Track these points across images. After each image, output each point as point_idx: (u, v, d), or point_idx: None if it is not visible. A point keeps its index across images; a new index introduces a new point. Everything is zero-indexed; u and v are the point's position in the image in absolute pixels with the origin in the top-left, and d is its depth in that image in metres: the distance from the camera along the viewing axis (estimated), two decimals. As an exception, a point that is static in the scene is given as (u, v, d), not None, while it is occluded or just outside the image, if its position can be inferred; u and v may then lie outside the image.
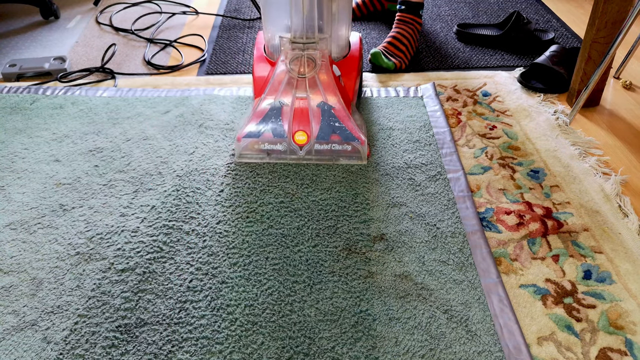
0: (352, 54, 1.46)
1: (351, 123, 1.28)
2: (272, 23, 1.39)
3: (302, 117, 1.29)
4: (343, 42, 1.44)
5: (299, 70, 1.29)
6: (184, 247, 1.09)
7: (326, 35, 1.33)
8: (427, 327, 0.93)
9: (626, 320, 0.95)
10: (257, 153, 1.32)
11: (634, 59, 1.81)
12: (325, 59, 1.31)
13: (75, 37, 2.06)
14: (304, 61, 1.30)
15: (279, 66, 1.31)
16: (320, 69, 1.30)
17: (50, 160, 1.35)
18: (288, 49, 1.31)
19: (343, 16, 1.38)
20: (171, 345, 0.90)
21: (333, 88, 1.29)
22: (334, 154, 1.31)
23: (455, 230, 1.12)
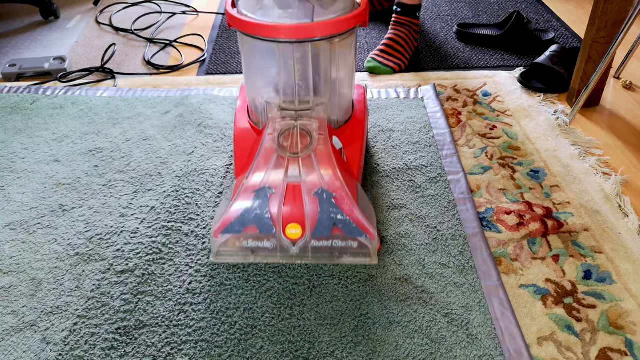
0: (357, 117, 1.22)
1: (357, 213, 1.00)
2: (255, 82, 1.14)
3: (294, 207, 1.01)
4: (346, 104, 1.19)
5: (290, 147, 1.03)
6: (183, 248, 1.09)
7: (324, 100, 1.11)
8: (428, 331, 0.93)
9: (626, 321, 0.95)
10: (239, 251, 1.03)
11: (634, 59, 1.80)
12: (323, 130, 1.06)
13: (75, 37, 2.06)
14: (296, 135, 1.04)
15: (265, 140, 1.04)
16: (317, 144, 1.04)
17: (50, 161, 1.35)
18: (276, 118, 1.06)
19: (346, 73, 1.15)
20: (170, 348, 0.90)
21: (334, 169, 1.03)
22: (336, 252, 1.03)
23: (455, 233, 1.12)
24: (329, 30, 1.00)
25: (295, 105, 1.09)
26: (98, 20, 2.20)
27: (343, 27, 1.02)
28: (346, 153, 1.14)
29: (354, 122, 1.20)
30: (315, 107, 1.08)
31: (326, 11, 1.02)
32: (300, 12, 1.00)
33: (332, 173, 1.03)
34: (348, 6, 1.05)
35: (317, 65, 1.08)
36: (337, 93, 1.14)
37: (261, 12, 1.03)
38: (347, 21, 1.01)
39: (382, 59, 1.74)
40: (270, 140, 1.04)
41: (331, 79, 1.11)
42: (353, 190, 1.05)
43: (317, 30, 0.99)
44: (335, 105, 1.15)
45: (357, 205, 1.01)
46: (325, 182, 1.01)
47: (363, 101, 1.26)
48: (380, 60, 1.73)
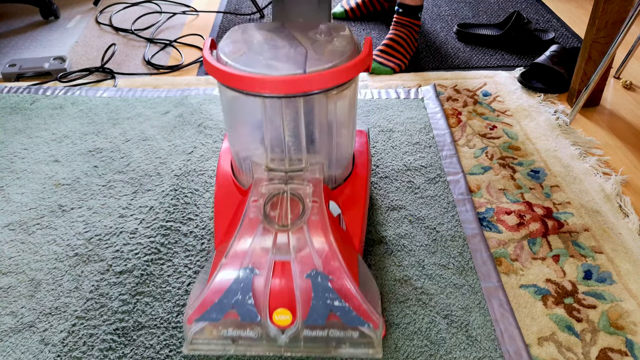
0: (358, 173, 1.04)
1: (358, 298, 0.83)
2: (238, 136, 0.95)
3: (283, 288, 0.83)
4: (345, 160, 1.00)
5: (278, 217, 0.85)
6: (182, 249, 1.09)
7: (320, 159, 0.92)
8: (427, 332, 0.93)
9: (627, 321, 0.95)
10: (218, 340, 0.86)
11: (634, 59, 1.80)
12: (318, 195, 0.88)
13: (75, 37, 2.06)
14: (286, 202, 0.87)
15: (248, 208, 0.86)
16: (311, 214, 0.86)
17: (49, 161, 1.35)
18: (262, 180, 0.89)
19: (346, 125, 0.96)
20: (169, 350, 0.90)
21: (330, 245, 0.84)
22: (333, 342, 0.86)
23: (455, 234, 1.12)
24: (325, 83, 0.82)
25: (285, 165, 0.91)
26: (98, 20, 2.20)
27: (342, 78, 0.83)
28: (345, 219, 0.97)
29: (354, 180, 1.03)
30: (309, 167, 0.92)
31: (322, 56, 0.86)
32: (291, 59, 0.84)
33: (328, 250, 0.85)
34: (348, 48, 0.88)
35: (311, 120, 0.90)
36: (335, 149, 0.96)
37: (244, 58, 0.85)
38: (347, 71, 0.83)
39: (382, 59, 1.74)
40: (255, 208, 0.86)
41: (328, 135, 0.93)
42: (353, 268, 0.88)
43: (310, 84, 0.81)
44: (333, 162, 0.97)
45: (358, 287, 0.85)
46: (320, 261, 0.83)
47: (365, 152, 1.10)
48: (380, 60, 1.73)
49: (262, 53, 0.86)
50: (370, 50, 0.88)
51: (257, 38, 0.91)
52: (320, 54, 0.86)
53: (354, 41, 0.91)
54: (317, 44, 0.89)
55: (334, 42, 0.90)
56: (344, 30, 0.94)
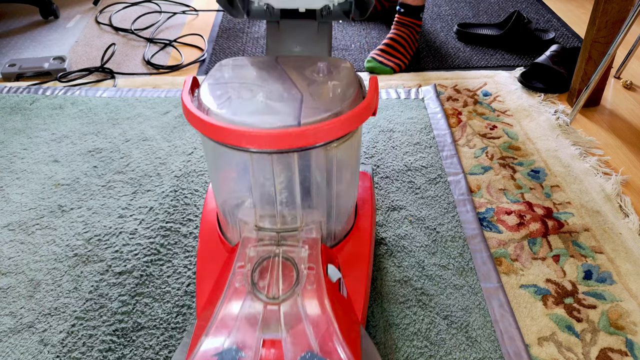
0: (361, 226, 0.91)
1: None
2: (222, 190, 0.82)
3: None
4: (346, 214, 0.88)
5: (268, 287, 0.71)
6: (181, 249, 1.09)
7: (317, 216, 0.80)
8: (427, 333, 0.92)
9: (627, 321, 0.95)
10: None
11: (635, 58, 1.80)
12: (314, 260, 0.74)
13: (75, 36, 2.06)
14: (277, 268, 0.73)
15: (233, 276, 0.72)
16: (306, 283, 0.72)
17: (49, 161, 1.34)
18: (250, 241, 0.76)
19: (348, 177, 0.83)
20: (168, 351, 0.90)
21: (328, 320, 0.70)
22: None
23: (455, 234, 1.12)
24: (324, 137, 0.69)
25: (277, 224, 0.78)
26: (98, 20, 2.20)
27: (343, 129, 0.70)
28: (346, 281, 0.84)
29: (356, 235, 0.89)
30: (305, 226, 0.79)
31: (320, 103, 0.73)
32: (284, 107, 0.72)
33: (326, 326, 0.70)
34: (351, 91, 0.76)
35: (307, 175, 0.77)
36: (335, 203, 0.83)
37: (229, 104, 0.73)
38: (349, 121, 0.70)
39: (382, 58, 1.74)
40: (241, 276, 0.73)
41: (327, 188, 0.80)
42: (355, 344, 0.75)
43: (306, 138, 0.68)
44: (332, 218, 0.84)
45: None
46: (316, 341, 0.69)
47: (369, 199, 0.96)
48: (380, 59, 1.73)
49: (250, 98, 0.74)
50: (376, 92, 0.76)
51: (246, 78, 0.79)
52: (318, 100, 0.74)
53: (357, 80, 0.80)
54: (315, 86, 0.77)
55: (333, 83, 0.78)
56: (345, 67, 0.82)
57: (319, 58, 0.83)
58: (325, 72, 0.79)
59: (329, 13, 0.90)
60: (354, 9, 0.87)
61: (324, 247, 0.80)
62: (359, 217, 0.92)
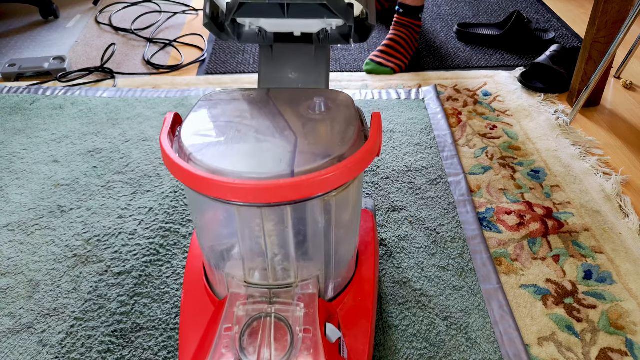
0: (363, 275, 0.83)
1: None
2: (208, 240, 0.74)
3: None
4: (346, 265, 0.80)
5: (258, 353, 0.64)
6: (180, 250, 1.09)
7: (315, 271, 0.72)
8: (427, 334, 0.92)
9: (627, 321, 0.94)
10: None
11: (635, 58, 1.80)
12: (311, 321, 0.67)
13: (75, 36, 2.06)
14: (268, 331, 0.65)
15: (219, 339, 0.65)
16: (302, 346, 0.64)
17: (49, 161, 1.34)
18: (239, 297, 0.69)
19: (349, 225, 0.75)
20: (167, 352, 0.90)
21: None
22: None
23: (455, 235, 1.11)
24: (320, 188, 0.61)
25: (269, 279, 0.70)
26: (98, 20, 2.20)
27: (343, 179, 0.62)
28: (347, 340, 0.75)
29: (358, 285, 0.81)
30: (300, 282, 0.71)
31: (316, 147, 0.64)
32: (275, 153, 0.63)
33: None
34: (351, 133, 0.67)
35: (302, 228, 0.68)
36: (334, 254, 0.74)
37: (213, 149, 0.64)
38: (350, 170, 0.62)
39: (382, 59, 1.73)
40: (228, 340, 0.65)
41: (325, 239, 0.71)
42: None
43: (299, 190, 0.59)
44: (331, 271, 0.75)
45: None
46: None
47: (372, 242, 0.87)
48: (379, 61, 1.73)
49: (238, 141, 0.65)
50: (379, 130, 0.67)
51: (233, 115, 0.71)
52: (314, 143, 0.65)
53: (358, 117, 0.71)
54: (310, 125, 0.69)
55: (332, 122, 0.69)
56: (345, 101, 0.74)
57: (315, 92, 0.76)
58: (322, 109, 0.71)
59: (326, 37, 0.83)
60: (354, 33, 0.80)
61: (321, 303, 0.72)
62: (361, 264, 0.84)
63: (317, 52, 0.83)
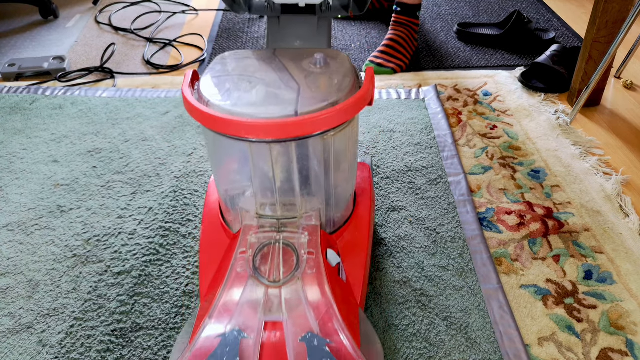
0: (360, 214, 0.94)
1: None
2: (223, 180, 0.85)
3: (275, 357, 0.72)
4: (345, 202, 0.90)
5: (269, 271, 0.75)
6: (180, 250, 1.08)
7: (316, 203, 0.83)
8: (427, 334, 0.92)
9: (627, 321, 0.94)
10: None
11: (635, 58, 1.80)
12: (314, 246, 0.78)
13: (75, 36, 2.06)
14: (278, 254, 0.77)
15: (235, 261, 0.76)
16: (306, 267, 0.76)
17: (48, 161, 1.34)
18: (251, 228, 0.80)
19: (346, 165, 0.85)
20: (167, 352, 0.90)
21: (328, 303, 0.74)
22: None
23: (455, 235, 1.11)
24: (320, 126, 0.73)
25: (277, 211, 0.82)
26: (97, 20, 2.20)
27: (340, 119, 0.74)
28: (346, 267, 0.87)
29: (355, 222, 0.92)
30: (304, 214, 0.82)
31: (317, 93, 0.76)
32: (281, 98, 0.75)
33: (325, 309, 0.74)
34: (347, 82, 0.78)
35: (305, 163, 0.79)
36: (334, 191, 0.86)
37: (228, 96, 0.76)
38: (345, 111, 0.73)
39: (382, 60, 1.73)
40: (243, 261, 0.76)
41: (325, 177, 0.83)
42: (354, 326, 0.78)
43: (303, 127, 0.71)
44: (332, 206, 0.87)
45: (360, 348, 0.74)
46: (316, 322, 0.72)
47: (368, 189, 0.99)
48: (379, 62, 1.73)
49: (249, 90, 0.77)
50: (372, 82, 0.78)
51: (244, 70, 0.81)
52: (315, 90, 0.76)
53: (353, 71, 0.81)
54: (312, 77, 0.79)
55: (330, 75, 0.80)
56: (342, 58, 0.84)
57: (316, 50, 0.85)
58: (322, 64, 0.81)
59: (328, 8, 0.92)
60: (352, 4, 0.90)
61: (323, 234, 0.84)
62: (358, 205, 0.94)
63: (320, 22, 0.93)
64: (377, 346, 0.83)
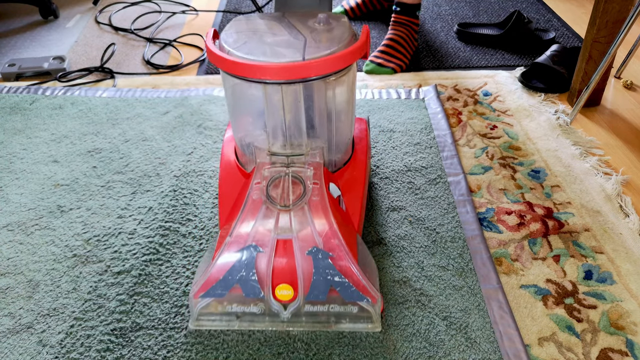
0: (357, 157, 1.08)
1: (357, 274, 0.87)
2: (240, 122, 1.01)
3: (285, 265, 0.88)
4: (344, 144, 1.05)
5: (280, 198, 0.90)
6: (180, 250, 1.08)
7: (320, 143, 0.98)
8: (426, 334, 0.92)
9: (627, 321, 0.94)
10: (222, 316, 0.91)
11: (635, 58, 1.80)
12: (318, 178, 0.93)
13: (75, 36, 2.06)
14: (287, 184, 0.92)
15: (251, 190, 0.92)
16: (312, 195, 0.91)
17: (48, 161, 1.34)
18: (265, 164, 0.94)
19: (345, 111, 1.01)
20: (166, 351, 0.90)
21: (330, 224, 0.90)
22: (333, 317, 0.91)
23: (455, 235, 1.11)
24: (323, 69, 0.87)
25: (287, 149, 0.96)
26: (97, 20, 2.20)
27: (339, 64, 0.88)
28: (345, 200, 1.01)
29: (354, 164, 1.07)
30: (310, 151, 0.96)
31: (320, 44, 0.90)
32: (291, 47, 0.89)
33: (328, 228, 0.89)
34: (346, 36, 0.92)
35: (310, 105, 0.95)
36: (335, 134, 1.00)
37: (246, 46, 0.90)
38: (344, 58, 0.88)
39: (382, 60, 1.73)
40: (258, 190, 0.91)
41: (328, 120, 0.98)
42: (352, 246, 0.92)
43: (309, 70, 0.86)
44: (333, 147, 1.02)
45: (357, 264, 0.88)
46: (321, 239, 0.88)
47: (365, 138, 1.13)
48: (379, 62, 1.73)
49: (263, 42, 0.91)
50: (367, 38, 0.92)
51: (258, 28, 0.96)
52: (319, 42, 0.91)
53: (351, 29, 0.95)
54: (316, 32, 0.94)
55: (332, 31, 0.94)
56: (342, 19, 0.98)
57: (320, 12, 0.99)
58: (324, 22, 0.96)
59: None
60: None
61: (326, 171, 0.98)
62: (356, 151, 1.09)
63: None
64: (372, 265, 0.96)
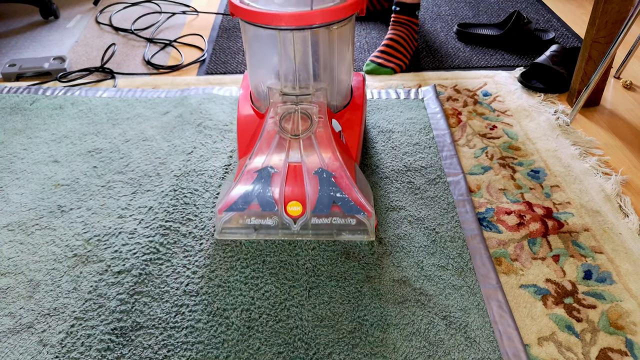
0: (355, 102, 1.27)
1: (355, 192, 1.06)
2: (257, 68, 1.20)
3: (295, 186, 1.07)
4: (344, 89, 1.25)
5: (291, 129, 1.09)
6: (180, 249, 1.09)
7: (324, 85, 1.16)
8: (426, 333, 0.92)
9: (626, 321, 0.95)
10: (242, 228, 1.10)
11: (635, 58, 1.80)
12: (323, 114, 1.11)
13: (75, 36, 2.06)
14: (297, 118, 1.10)
15: (267, 123, 1.10)
16: (317, 127, 1.10)
17: (49, 161, 1.34)
18: (278, 102, 1.11)
19: (344, 60, 1.20)
20: (167, 350, 0.90)
21: (333, 150, 1.09)
22: (335, 229, 1.10)
23: (454, 235, 1.11)
24: (327, 18, 1.06)
25: (296, 90, 1.14)
26: (98, 20, 2.20)
27: (341, 14, 1.07)
28: (345, 136, 1.19)
29: (352, 107, 1.25)
30: (315, 92, 1.12)
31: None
32: (300, 1, 1.06)
33: (331, 154, 1.09)
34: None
35: (316, 51, 1.13)
36: (336, 79, 1.20)
37: (263, 0, 1.08)
38: (344, 9, 1.07)
39: (382, 60, 1.73)
40: (272, 123, 1.10)
41: (330, 65, 1.17)
42: (351, 171, 1.10)
43: (315, 18, 1.05)
44: (334, 91, 1.21)
45: (356, 185, 1.07)
46: (325, 162, 1.08)
47: (362, 87, 1.31)
48: (380, 61, 1.73)
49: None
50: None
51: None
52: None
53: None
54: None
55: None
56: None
57: None
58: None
59: None
60: None
61: (329, 109, 1.17)
62: (354, 97, 1.28)
63: None
64: (368, 189, 1.14)
